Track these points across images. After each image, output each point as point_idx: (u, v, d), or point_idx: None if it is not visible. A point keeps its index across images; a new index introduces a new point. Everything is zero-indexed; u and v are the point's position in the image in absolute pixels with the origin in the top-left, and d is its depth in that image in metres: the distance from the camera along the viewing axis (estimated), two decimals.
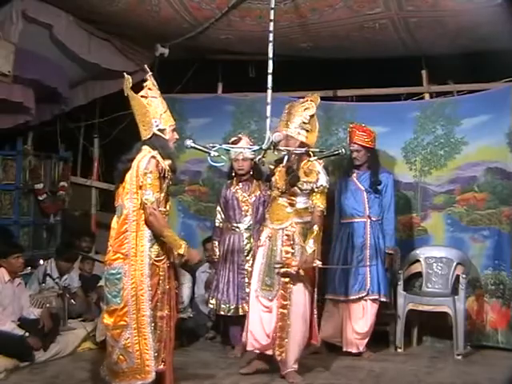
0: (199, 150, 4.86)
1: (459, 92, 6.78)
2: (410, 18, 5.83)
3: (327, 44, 6.53)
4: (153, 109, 4.44)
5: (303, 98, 5.48)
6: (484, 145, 6.48)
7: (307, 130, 5.26)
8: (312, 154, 5.27)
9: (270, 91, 5.11)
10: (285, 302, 5.11)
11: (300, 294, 5.15)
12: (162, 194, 4.41)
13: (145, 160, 4.34)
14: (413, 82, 6.87)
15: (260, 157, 5.08)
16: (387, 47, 6.51)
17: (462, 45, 6.23)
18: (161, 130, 4.45)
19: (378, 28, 6.01)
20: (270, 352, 5.18)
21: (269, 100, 5.10)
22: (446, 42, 6.31)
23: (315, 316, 5.30)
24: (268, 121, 5.08)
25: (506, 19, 5.12)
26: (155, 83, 4.55)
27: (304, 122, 5.25)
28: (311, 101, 5.34)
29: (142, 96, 4.45)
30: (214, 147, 4.79)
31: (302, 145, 5.23)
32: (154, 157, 4.35)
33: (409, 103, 6.91)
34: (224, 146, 5.17)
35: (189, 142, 4.82)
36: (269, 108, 5.09)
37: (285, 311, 5.10)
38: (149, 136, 4.44)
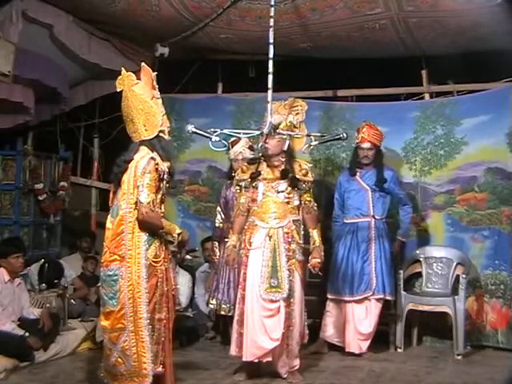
0: (200, 134, 4.86)
1: (459, 92, 6.78)
2: (409, 18, 5.84)
3: (327, 44, 6.53)
4: (159, 109, 4.42)
5: (303, 98, 5.47)
6: (484, 145, 6.49)
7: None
8: (313, 139, 5.26)
9: (270, 91, 5.12)
10: (290, 300, 5.07)
11: (299, 292, 5.15)
12: (159, 196, 4.37)
13: (144, 160, 4.29)
14: (413, 82, 6.87)
15: (262, 143, 5.05)
16: (387, 47, 6.52)
17: (462, 45, 6.24)
18: (162, 131, 4.44)
19: (378, 28, 6.02)
20: (269, 358, 5.06)
21: (269, 99, 5.11)
22: (446, 42, 6.31)
23: (305, 314, 5.27)
24: (269, 106, 5.08)
25: (506, 19, 5.12)
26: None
27: (295, 126, 5.24)
28: (301, 106, 5.29)
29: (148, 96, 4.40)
30: (215, 132, 4.81)
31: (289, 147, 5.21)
32: (153, 158, 4.31)
33: (409, 103, 6.92)
34: (225, 131, 5.15)
35: (190, 127, 4.81)
36: (269, 106, 5.12)
37: (290, 309, 5.07)
38: (151, 136, 4.38)
